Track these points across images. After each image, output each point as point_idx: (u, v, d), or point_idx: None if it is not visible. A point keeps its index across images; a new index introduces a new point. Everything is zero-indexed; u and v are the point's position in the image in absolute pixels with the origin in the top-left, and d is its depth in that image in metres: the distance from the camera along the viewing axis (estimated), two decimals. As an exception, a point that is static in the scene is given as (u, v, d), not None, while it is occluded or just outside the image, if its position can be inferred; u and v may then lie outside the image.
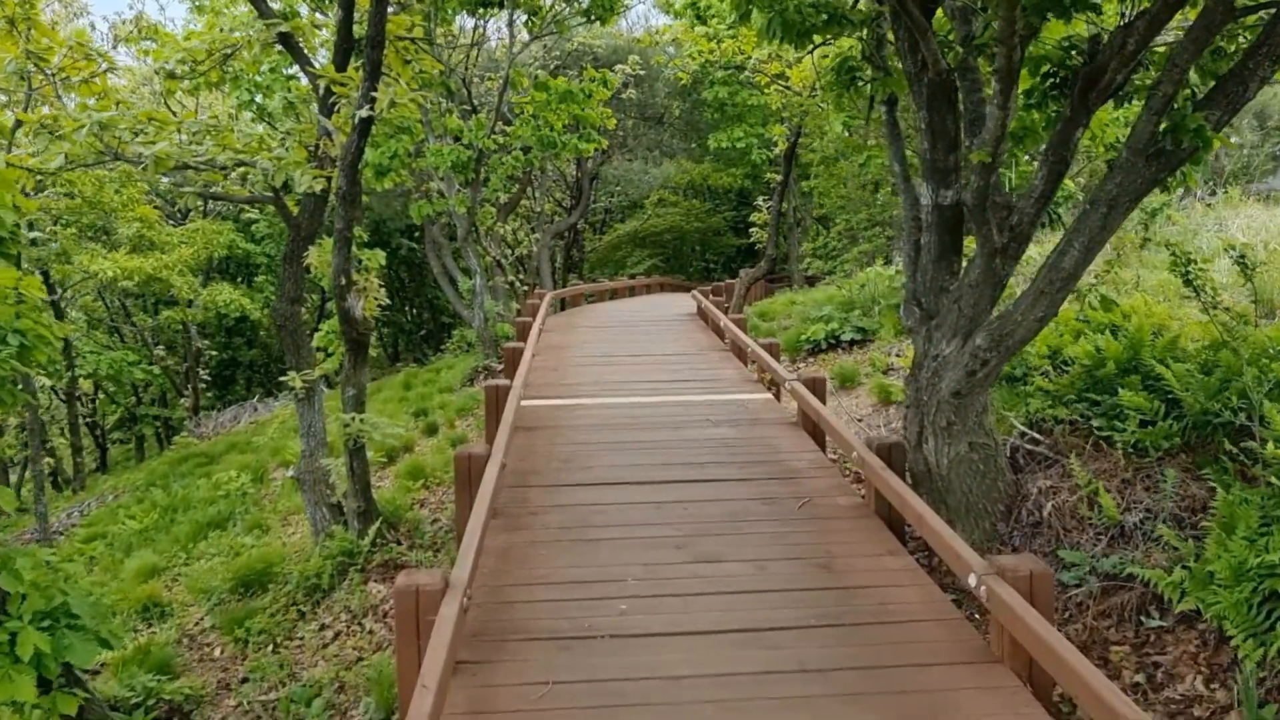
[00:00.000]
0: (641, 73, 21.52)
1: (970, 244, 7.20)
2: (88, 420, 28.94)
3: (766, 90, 17.64)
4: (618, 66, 19.80)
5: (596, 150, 24.04)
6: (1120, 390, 6.29)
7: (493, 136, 16.12)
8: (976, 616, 5.57)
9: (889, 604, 5.05)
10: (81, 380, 24.55)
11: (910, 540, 6.40)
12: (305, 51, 9.90)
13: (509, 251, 26.47)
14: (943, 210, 5.99)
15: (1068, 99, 6.00)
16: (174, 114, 17.78)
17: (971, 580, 4.49)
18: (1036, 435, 6.45)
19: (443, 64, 14.70)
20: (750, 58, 16.30)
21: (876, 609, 4.99)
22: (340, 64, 8.81)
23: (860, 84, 7.13)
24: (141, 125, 8.93)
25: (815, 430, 8.30)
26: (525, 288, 24.39)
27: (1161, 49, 5.51)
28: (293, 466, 9.63)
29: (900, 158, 6.52)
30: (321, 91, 8.68)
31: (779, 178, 16.95)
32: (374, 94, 7.78)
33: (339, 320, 8.63)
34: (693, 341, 13.63)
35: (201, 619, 8.72)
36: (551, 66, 23.15)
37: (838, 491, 6.84)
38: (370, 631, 7.62)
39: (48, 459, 22.98)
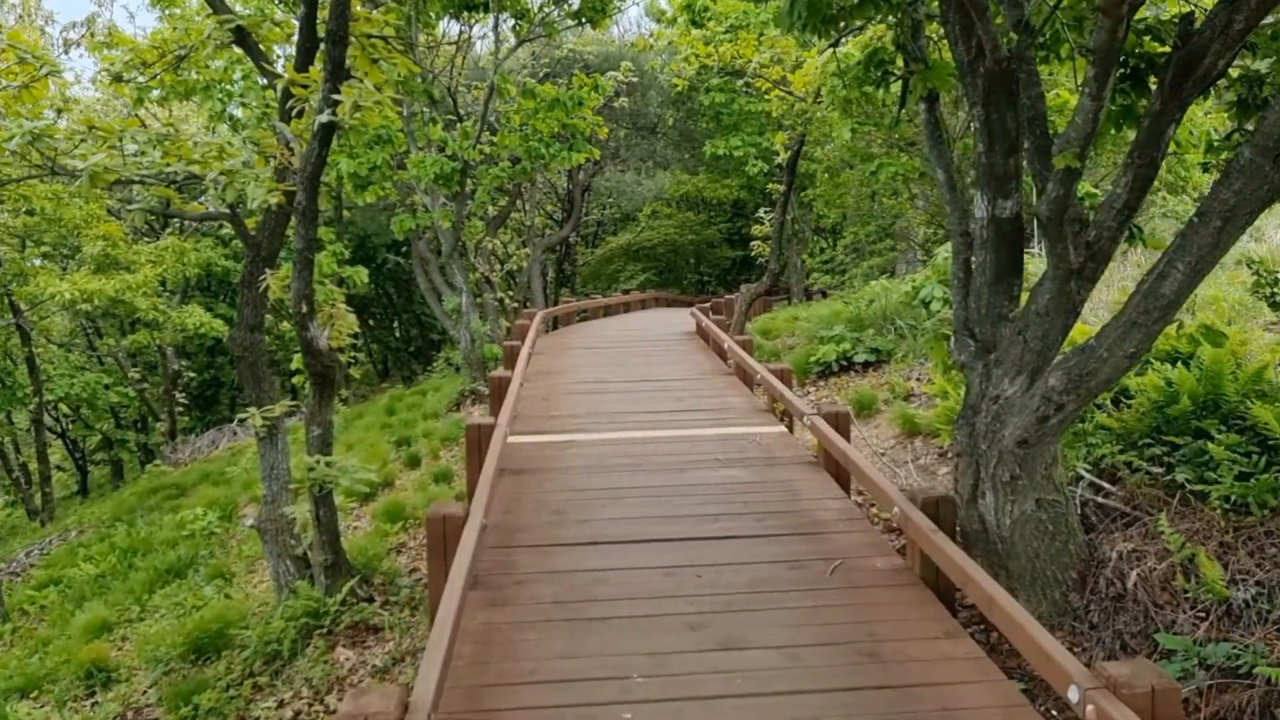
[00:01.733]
0: (635, 80, 20.64)
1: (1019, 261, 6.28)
2: (68, 442, 27.85)
3: (767, 97, 16.76)
4: (609, 73, 18.92)
5: (588, 161, 23.15)
6: (1204, 432, 5.37)
7: (478, 147, 15.19)
8: (1054, 714, 4.63)
9: (957, 710, 4.10)
10: (60, 404, 23.49)
11: (961, 609, 5.47)
12: (265, 52, 8.98)
13: (499, 266, 25.55)
14: (1000, 224, 5.07)
15: (1142, 92, 5.10)
16: (142, 124, 16.81)
17: (1073, 695, 3.55)
18: (1107, 485, 5.52)
19: (420, 67, 13.77)
20: (750, 62, 15.44)
21: (942, 718, 4.04)
22: (303, 64, 7.89)
23: (891, 79, 6.21)
24: (83, 135, 8.00)
25: (838, 471, 7.37)
26: (515, 304, 23.45)
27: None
28: (253, 514, 8.66)
29: (945, 163, 5.61)
30: (279, 94, 7.75)
31: (781, 188, 16.05)
32: (337, 97, 6.84)
33: (301, 352, 7.67)
34: (694, 364, 12.69)
35: (147, 690, 7.73)
36: (541, 74, 22.27)
37: (873, 550, 5.89)
38: (333, 711, 6.63)
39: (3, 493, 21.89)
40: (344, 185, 17.23)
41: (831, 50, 12.52)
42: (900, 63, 6.10)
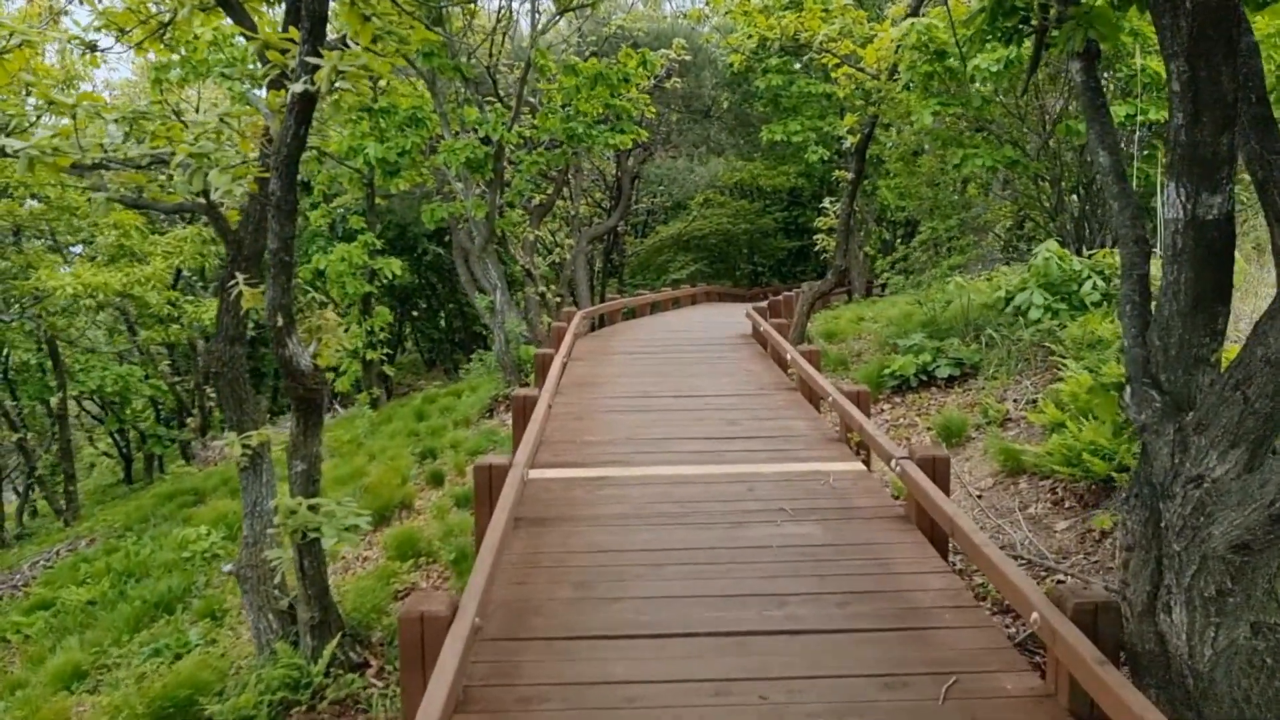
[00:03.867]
0: (688, 58, 19.13)
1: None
2: (111, 432, 27.16)
3: (833, 75, 15.17)
4: (661, 51, 17.46)
5: (637, 146, 21.67)
6: None
7: (515, 130, 13.84)
8: None
9: None
10: (95, 395, 22.68)
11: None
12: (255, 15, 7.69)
13: (545, 256, 24.24)
14: (1203, 229, 3.56)
15: None
16: (176, 114, 15.79)
17: None
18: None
19: (445, 38, 12.43)
20: (817, 35, 13.86)
21: None
22: (291, 23, 6.59)
23: (1026, 31, 4.68)
24: (41, 110, 6.84)
25: (933, 530, 5.90)
26: (558, 299, 22.15)
27: None
28: (231, 559, 7.44)
29: (1110, 142, 4.09)
30: (258, 59, 6.45)
31: (849, 176, 14.47)
32: (315, 60, 5.50)
33: (281, 372, 6.37)
34: (751, 376, 11.21)
35: (99, 772, 6.55)
36: (586, 53, 20.86)
37: (996, 659, 4.42)
38: (303, 828, 5.36)
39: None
40: (374, 171, 16.06)
41: (910, 20, 10.95)
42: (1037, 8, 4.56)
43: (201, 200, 7.03)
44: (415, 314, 34.19)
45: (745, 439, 8.24)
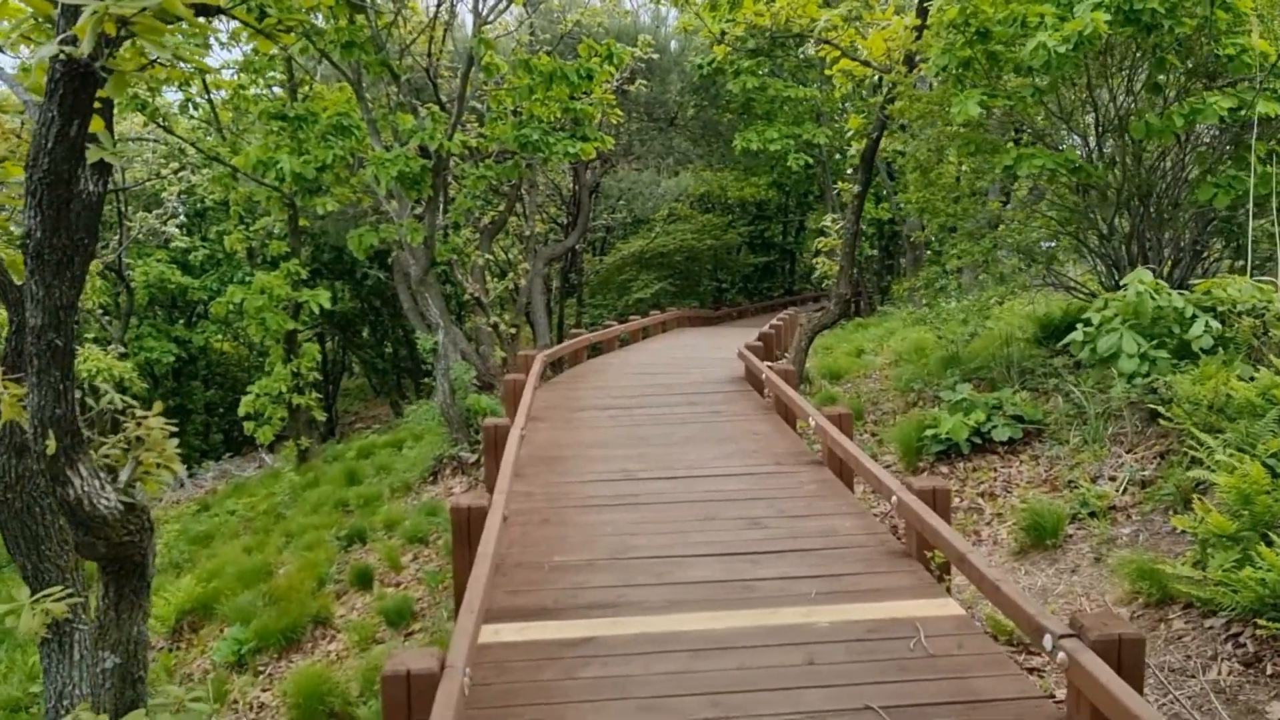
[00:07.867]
0: (655, 56, 16.91)
1: None
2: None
3: (830, 70, 13.10)
4: (626, 48, 15.23)
5: (597, 157, 19.47)
6: None
7: (457, 137, 11.51)
8: None
9: None
10: None
11: None
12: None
13: (499, 280, 21.82)
14: None
15: None
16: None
17: None
18: None
19: (357, 6, 10.04)
20: (816, 23, 11.70)
21: None
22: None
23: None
24: None
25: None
26: (512, 330, 19.78)
27: None
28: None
29: None
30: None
31: (854, 190, 12.33)
32: (79, 1, 3.14)
33: (65, 519, 3.95)
34: (759, 442, 8.90)
35: None
36: (539, 53, 18.57)
37: None
38: None
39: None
40: (295, 190, 13.64)
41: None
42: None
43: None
44: (357, 342, 31.71)
45: (778, 554, 5.95)
